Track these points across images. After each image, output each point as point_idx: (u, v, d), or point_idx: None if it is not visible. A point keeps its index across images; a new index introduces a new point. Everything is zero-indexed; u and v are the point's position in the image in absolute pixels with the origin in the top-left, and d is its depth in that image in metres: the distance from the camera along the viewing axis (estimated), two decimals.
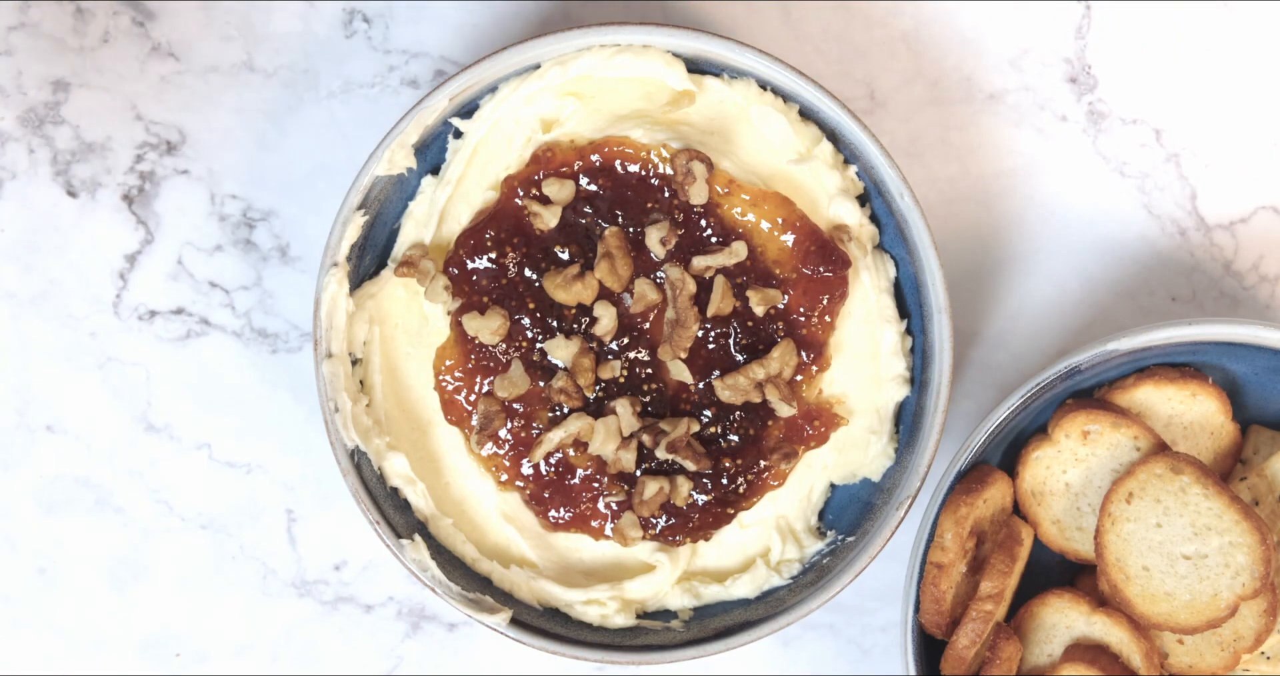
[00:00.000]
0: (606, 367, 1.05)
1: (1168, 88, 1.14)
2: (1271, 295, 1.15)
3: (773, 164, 1.07)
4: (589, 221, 1.05)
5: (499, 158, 1.07)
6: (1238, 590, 1.05)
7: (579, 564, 1.10)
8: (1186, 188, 1.15)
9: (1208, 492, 1.05)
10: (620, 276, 1.04)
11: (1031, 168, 1.15)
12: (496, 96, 1.06)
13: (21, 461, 1.15)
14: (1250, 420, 1.12)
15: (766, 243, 1.05)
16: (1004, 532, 1.08)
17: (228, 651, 1.16)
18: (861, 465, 1.09)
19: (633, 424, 1.05)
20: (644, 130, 1.05)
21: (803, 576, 1.09)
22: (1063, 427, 1.08)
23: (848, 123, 1.04)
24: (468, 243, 1.04)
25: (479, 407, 1.05)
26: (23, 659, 1.16)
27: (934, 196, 1.14)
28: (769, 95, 1.06)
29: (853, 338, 1.08)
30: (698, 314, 1.05)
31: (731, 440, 1.06)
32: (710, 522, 1.07)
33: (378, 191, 1.05)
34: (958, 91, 1.14)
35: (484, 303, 1.04)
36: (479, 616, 1.05)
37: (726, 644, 1.07)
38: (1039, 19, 1.14)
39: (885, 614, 1.17)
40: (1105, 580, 1.08)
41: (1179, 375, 1.09)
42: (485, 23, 1.13)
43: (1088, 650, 1.08)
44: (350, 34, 1.13)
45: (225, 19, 1.13)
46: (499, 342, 1.04)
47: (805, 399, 1.07)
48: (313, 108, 1.13)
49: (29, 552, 1.16)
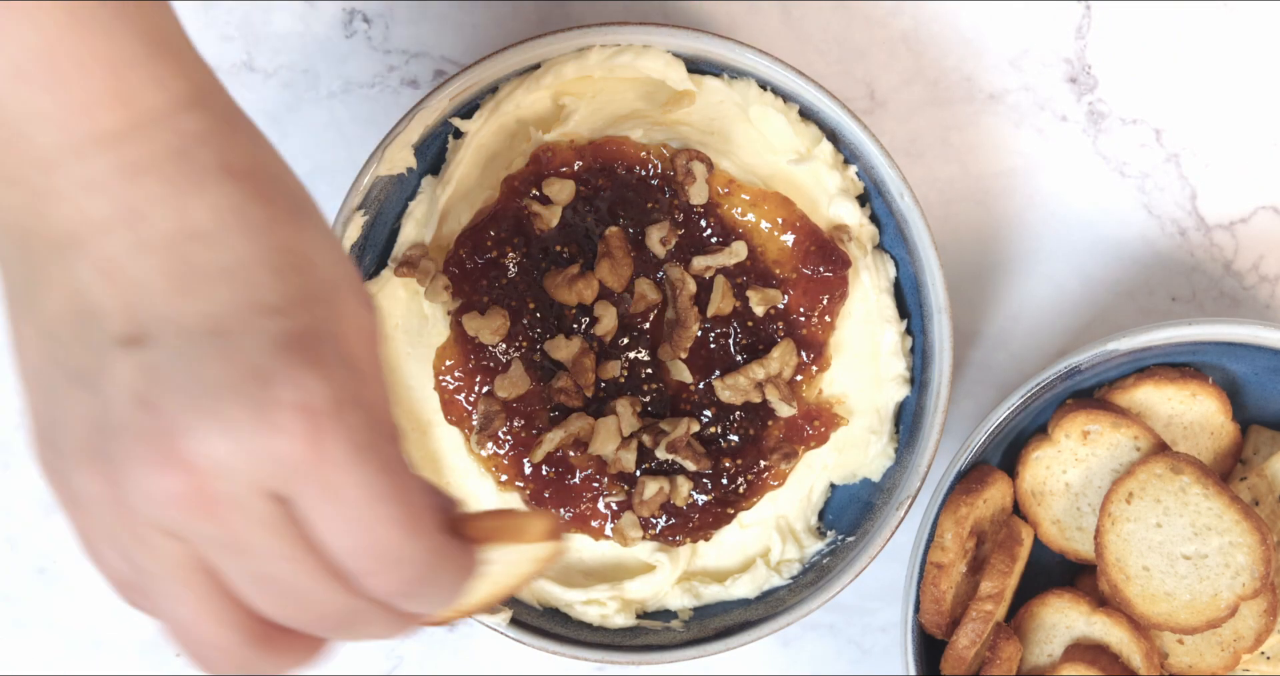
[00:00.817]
0: (607, 367, 1.05)
1: (1168, 88, 1.15)
2: (1271, 295, 1.15)
3: (773, 164, 1.07)
4: (589, 221, 1.05)
5: (499, 158, 1.07)
6: (1238, 590, 1.05)
7: (579, 564, 1.10)
8: (1186, 188, 1.15)
9: (1208, 492, 1.05)
10: (620, 276, 1.04)
11: (1031, 168, 1.15)
12: (496, 96, 1.06)
13: (22, 461, 1.15)
14: (1250, 420, 1.12)
15: (766, 243, 1.05)
16: (1004, 532, 1.08)
17: None
18: (861, 465, 1.09)
19: (633, 424, 1.05)
20: (644, 130, 1.05)
21: (803, 576, 1.09)
22: (1063, 427, 1.08)
23: (848, 123, 1.04)
24: (468, 242, 1.04)
25: (479, 407, 1.05)
26: (23, 659, 1.16)
27: (934, 196, 1.14)
28: (769, 95, 1.06)
29: (853, 337, 1.08)
30: (698, 314, 1.05)
31: (731, 440, 1.06)
32: (710, 522, 1.07)
33: (378, 191, 1.05)
34: (958, 91, 1.14)
35: (484, 302, 1.04)
36: (479, 616, 1.05)
37: (726, 644, 1.07)
38: (1039, 19, 1.14)
39: (885, 614, 1.17)
40: (1105, 580, 1.08)
41: (1179, 375, 1.09)
42: (485, 23, 1.13)
43: (1088, 650, 1.08)
44: (350, 34, 1.13)
45: (225, 19, 1.13)
46: (499, 342, 1.04)
47: (805, 399, 1.07)
48: (313, 108, 1.13)
49: (29, 552, 1.16)
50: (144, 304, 0.72)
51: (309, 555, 0.72)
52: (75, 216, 0.72)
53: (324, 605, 0.74)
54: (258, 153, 0.75)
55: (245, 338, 0.71)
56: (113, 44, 0.71)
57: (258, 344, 0.71)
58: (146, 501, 0.71)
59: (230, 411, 0.70)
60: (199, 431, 0.70)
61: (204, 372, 0.71)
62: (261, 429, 0.70)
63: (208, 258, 0.72)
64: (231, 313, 0.72)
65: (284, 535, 0.72)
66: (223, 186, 0.73)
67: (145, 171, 0.72)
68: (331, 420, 0.71)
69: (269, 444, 0.70)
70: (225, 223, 0.72)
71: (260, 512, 0.71)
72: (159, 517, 0.71)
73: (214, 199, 0.72)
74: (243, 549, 0.72)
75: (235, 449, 0.70)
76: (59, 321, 0.73)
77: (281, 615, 0.74)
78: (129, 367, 0.71)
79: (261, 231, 0.73)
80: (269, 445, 0.70)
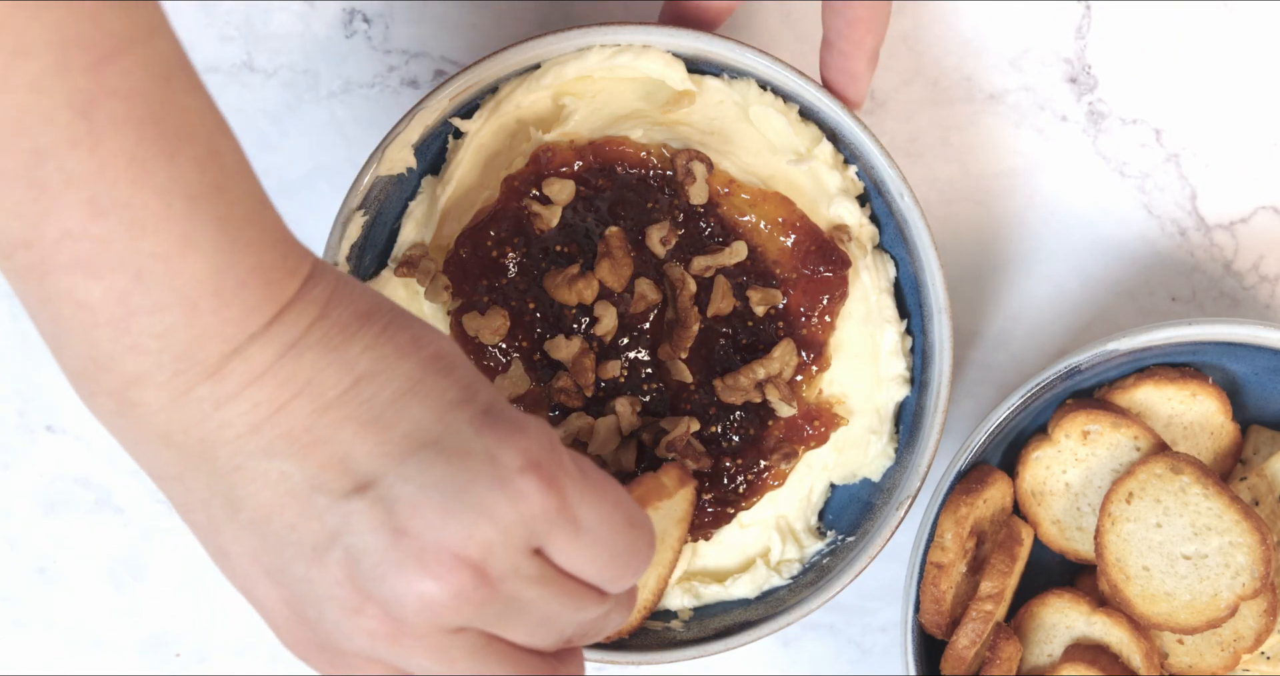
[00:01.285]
0: (606, 367, 1.05)
1: (1168, 88, 1.14)
2: (1271, 295, 1.15)
3: (773, 164, 1.07)
4: (589, 221, 1.05)
5: (499, 158, 1.07)
6: (1238, 590, 1.05)
7: None
8: (1186, 188, 1.15)
9: (1208, 492, 1.05)
10: (620, 276, 1.04)
11: (1031, 168, 1.15)
12: (496, 96, 1.06)
13: (21, 461, 1.15)
14: (1250, 420, 1.12)
15: (766, 243, 1.05)
16: (1004, 532, 1.08)
17: (228, 651, 1.16)
18: (861, 465, 1.09)
19: (633, 424, 1.05)
20: (644, 130, 1.05)
21: (803, 576, 1.09)
22: (1063, 427, 1.08)
23: (848, 123, 1.04)
24: (468, 242, 1.04)
25: None
26: (23, 659, 1.16)
27: (934, 196, 1.14)
28: (769, 95, 1.06)
29: (853, 337, 1.08)
30: (698, 314, 1.05)
31: (732, 440, 1.06)
32: (710, 522, 1.07)
33: (378, 191, 1.05)
34: (958, 91, 1.14)
35: (484, 302, 1.04)
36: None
37: (726, 644, 1.07)
38: (1039, 19, 1.14)
39: (885, 614, 1.17)
40: (1105, 580, 1.08)
41: (1179, 375, 1.09)
42: (485, 23, 1.13)
43: (1088, 650, 1.08)
44: (350, 34, 1.13)
45: (225, 19, 1.13)
46: (499, 342, 1.04)
47: (805, 399, 1.07)
48: (313, 108, 1.13)
49: (29, 552, 1.16)
50: (352, 455, 0.77)
51: (572, 585, 0.80)
52: (250, 409, 0.76)
53: (589, 619, 0.82)
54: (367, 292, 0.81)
55: (452, 435, 0.77)
56: (262, 254, 0.76)
57: (465, 434, 0.77)
58: (429, 614, 0.76)
59: (476, 499, 0.76)
60: (456, 529, 0.76)
61: (435, 480, 0.76)
62: (511, 498, 0.77)
63: (385, 391, 0.78)
64: (429, 423, 0.77)
65: (552, 581, 0.79)
66: (364, 329, 0.79)
67: (300, 346, 0.77)
68: (552, 463, 0.78)
69: (522, 508, 0.77)
70: (383, 356, 0.78)
71: (530, 571, 0.78)
72: (443, 623, 0.77)
73: (363, 341, 0.78)
74: (524, 607, 0.79)
75: (495, 526, 0.76)
76: (271, 511, 0.77)
77: (558, 644, 0.82)
78: (367, 509, 0.76)
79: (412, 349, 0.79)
80: (522, 510, 0.77)
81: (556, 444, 0.80)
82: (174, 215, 0.73)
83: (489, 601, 0.77)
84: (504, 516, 0.76)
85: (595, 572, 0.80)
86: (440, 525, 0.76)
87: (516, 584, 0.77)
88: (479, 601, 0.76)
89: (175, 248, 0.73)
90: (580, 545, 0.79)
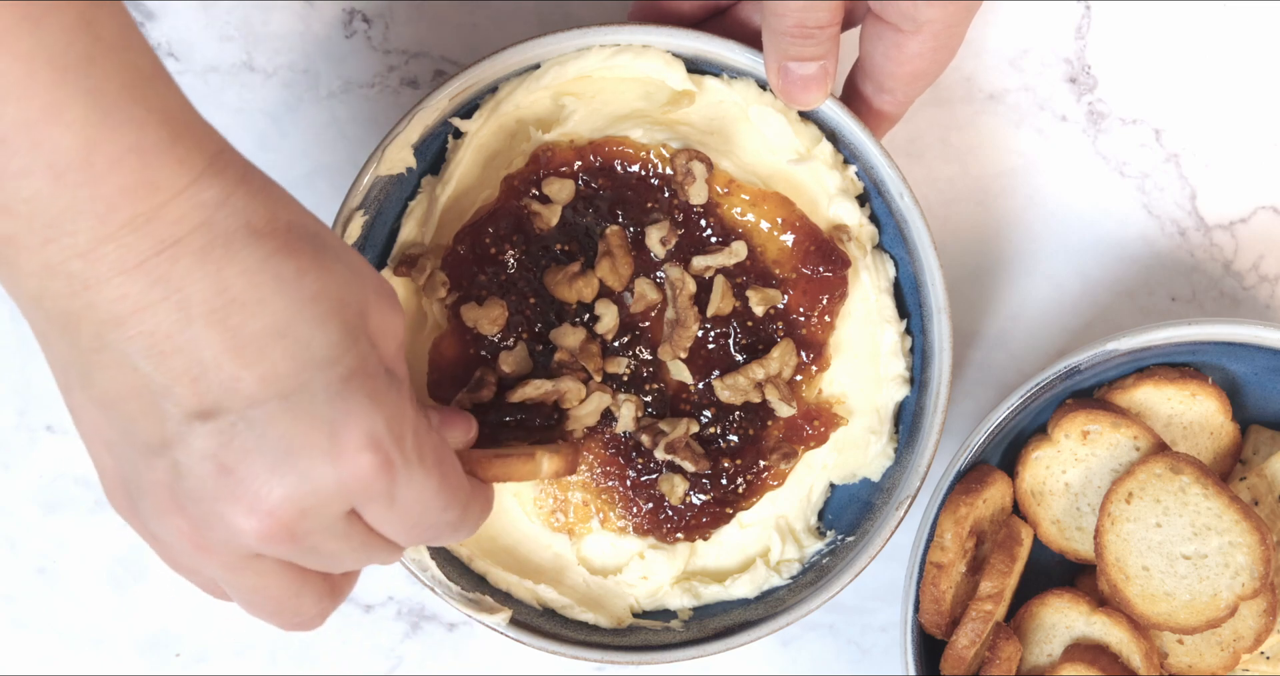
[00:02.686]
0: (613, 363, 1.04)
1: (1168, 88, 1.15)
2: (1271, 295, 1.15)
3: (772, 164, 1.07)
4: (589, 221, 1.05)
5: (499, 157, 1.07)
6: (1237, 590, 1.05)
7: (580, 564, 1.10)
8: (1186, 188, 1.15)
9: (1207, 492, 1.05)
10: (620, 275, 1.04)
11: (1031, 168, 1.15)
12: (496, 96, 1.06)
13: (21, 461, 1.15)
14: (1250, 420, 1.12)
15: (766, 243, 1.05)
16: (1004, 532, 1.08)
17: (228, 651, 1.16)
18: (861, 465, 1.09)
19: (631, 424, 1.05)
20: (644, 130, 1.05)
21: (802, 576, 1.09)
22: (1063, 427, 1.08)
23: (848, 122, 1.04)
24: (466, 239, 1.04)
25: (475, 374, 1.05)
26: (23, 659, 1.16)
27: (934, 196, 1.14)
28: (769, 95, 1.06)
29: (852, 338, 1.08)
30: (698, 314, 1.05)
31: (731, 440, 1.06)
32: (709, 522, 1.07)
33: (378, 191, 1.05)
34: (958, 91, 1.14)
35: (482, 295, 1.04)
36: (478, 616, 1.05)
37: (726, 644, 1.07)
38: (1039, 19, 1.14)
39: (885, 614, 1.17)
40: (1105, 580, 1.08)
41: (1179, 375, 1.09)
42: (485, 23, 1.13)
43: (1088, 650, 1.08)
44: (350, 34, 1.13)
45: (225, 19, 1.13)
46: (497, 333, 1.04)
47: (805, 399, 1.07)
48: (313, 108, 1.13)
49: (29, 552, 1.16)
50: (206, 376, 0.78)
51: (373, 540, 0.85)
52: (117, 299, 0.77)
53: (379, 560, 0.87)
54: (271, 203, 0.80)
55: (304, 394, 0.79)
56: (143, 136, 0.75)
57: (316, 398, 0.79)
58: (233, 541, 0.81)
59: (306, 466, 0.79)
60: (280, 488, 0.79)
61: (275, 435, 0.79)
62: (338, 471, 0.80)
63: (252, 323, 0.78)
64: (287, 373, 0.79)
65: (354, 537, 0.83)
66: (249, 248, 0.78)
67: (177, 248, 0.77)
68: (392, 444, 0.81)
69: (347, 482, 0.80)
70: (259, 284, 0.78)
71: (337, 529, 0.82)
72: (243, 550, 0.81)
73: (244, 263, 0.78)
74: (322, 552, 0.83)
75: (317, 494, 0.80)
76: (119, 397, 0.79)
77: (338, 571, 0.87)
78: (203, 439, 0.78)
79: (293, 285, 0.79)
80: (347, 483, 0.80)
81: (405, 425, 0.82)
82: (37, 83, 0.73)
83: (290, 547, 0.81)
84: (326, 486, 0.80)
85: (398, 536, 0.85)
86: (265, 479, 0.79)
87: (321, 537, 0.82)
88: (281, 545, 0.81)
89: (39, 115, 0.73)
90: (391, 515, 0.83)
